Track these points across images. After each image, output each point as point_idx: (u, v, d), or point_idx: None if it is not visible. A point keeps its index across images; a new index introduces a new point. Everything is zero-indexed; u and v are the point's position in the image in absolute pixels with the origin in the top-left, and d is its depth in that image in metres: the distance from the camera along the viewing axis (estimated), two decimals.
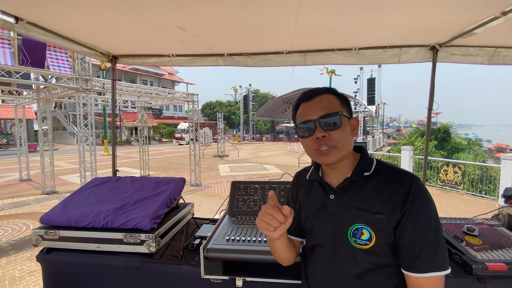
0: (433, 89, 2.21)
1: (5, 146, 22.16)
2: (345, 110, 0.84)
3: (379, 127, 35.64)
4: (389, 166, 0.85)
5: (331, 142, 0.79)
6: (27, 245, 4.38)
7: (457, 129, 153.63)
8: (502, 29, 1.56)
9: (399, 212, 0.75)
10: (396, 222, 0.75)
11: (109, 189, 1.78)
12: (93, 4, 1.42)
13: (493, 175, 7.69)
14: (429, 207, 0.75)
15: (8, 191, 8.27)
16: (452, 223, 1.58)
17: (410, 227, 0.74)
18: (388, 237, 0.76)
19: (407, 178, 0.78)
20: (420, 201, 0.75)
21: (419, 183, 0.77)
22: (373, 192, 0.79)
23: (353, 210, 0.80)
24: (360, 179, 0.82)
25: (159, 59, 2.40)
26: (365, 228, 0.77)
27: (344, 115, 0.82)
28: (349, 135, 0.82)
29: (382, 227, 0.76)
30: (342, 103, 0.84)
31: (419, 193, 0.75)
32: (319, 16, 1.55)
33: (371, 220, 0.77)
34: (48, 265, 1.47)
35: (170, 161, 15.23)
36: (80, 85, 6.59)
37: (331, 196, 0.85)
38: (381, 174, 0.82)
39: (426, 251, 0.72)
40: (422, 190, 0.76)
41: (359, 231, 0.77)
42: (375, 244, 0.76)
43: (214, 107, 48.42)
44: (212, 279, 1.26)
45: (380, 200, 0.77)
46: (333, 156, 0.80)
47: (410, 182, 0.76)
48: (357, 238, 0.78)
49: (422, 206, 0.75)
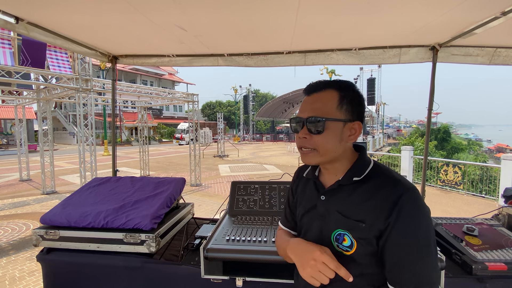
0: (433, 89, 2.21)
1: (5, 146, 22.16)
2: (343, 112, 0.77)
3: (379, 127, 35.63)
4: (384, 172, 0.78)
5: (311, 145, 0.78)
6: (27, 245, 4.38)
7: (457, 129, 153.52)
8: (502, 29, 1.56)
9: (382, 223, 0.70)
10: (379, 232, 0.71)
11: (109, 189, 1.78)
12: (93, 4, 1.42)
13: (493, 175, 7.69)
14: (418, 223, 0.69)
15: (8, 191, 8.27)
16: (452, 223, 1.58)
17: (393, 241, 0.69)
18: (370, 246, 0.72)
19: (398, 188, 0.72)
20: (408, 215, 0.69)
21: (412, 195, 0.70)
22: (360, 198, 0.75)
23: (338, 215, 0.77)
24: (349, 183, 0.78)
25: (159, 59, 2.40)
26: (346, 234, 0.75)
27: (336, 120, 0.76)
28: (334, 142, 0.77)
29: (363, 235, 0.72)
30: (341, 104, 0.76)
31: (408, 206, 0.69)
32: (319, 16, 1.56)
33: (353, 227, 0.74)
34: (48, 265, 1.47)
35: (170, 161, 15.22)
36: (80, 85, 6.59)
37: (322, 197, 0.83)
38: (372, 180, 0.77)
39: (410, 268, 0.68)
40: (414, 203, 0.70)
41: (341, 237, 0.75)
42: (356, 252, 0.73)
43: (214, 107, 48.42)
44: (212, 279, 1.26)
45: (365, 207, 0.73)
46: (312, 159, 0.79)
47: (400, 193, 0.70)
48: (339, 243, 0.76)
49: (409, 221, 0.68)
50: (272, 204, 1.67)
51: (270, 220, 1.54)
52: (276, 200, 1.68)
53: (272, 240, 1.28)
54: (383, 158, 11.33)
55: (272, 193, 1.71)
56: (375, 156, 11.63)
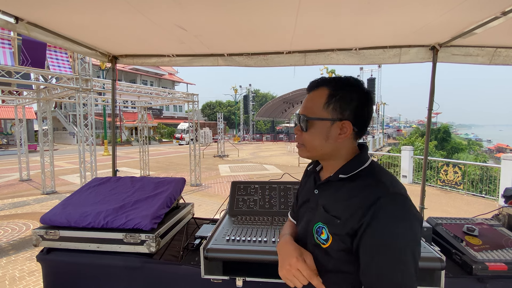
0: (433, 89, 2.21)
1: (5, 146, 22.16)
2: (329, 112, 0.77)
3: (379, 127, 35.64)
4: (375, 173, 0.76)
5: (299, 140, 0.84)
6: (27, 245, 4.38)
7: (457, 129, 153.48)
8: (502, 29, 1.56)
9: (356, 222, 0.69)
10: (352, 231, 0.70)
11: (109, 189, 1.78)
12: (93, 4, 1.42)
13: (493, 175, 7.69)
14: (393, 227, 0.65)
15: (8, 191, 8.26)
16: (452, 223, 1.58)
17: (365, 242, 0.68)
18: (342, 243, 0.72)
19: (379, 190, 0.70)
20: (383, 218, 0.66)
21: (392, 200, 0.68)
22: (343, 195, 0.76)
23: (321, 209, 0.80)
24: (337, 180, 0.79)
25: (159, 59, 2.40)
26: (324, 228, 0.77)
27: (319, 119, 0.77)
28: (319, 140, 0.78)
29: (337, 231, 0.73)
30: (328, 103, 0.77)
31: (385, 209, 0.66)
32: (319, 16, 1.55)
33: (330, 222, 0.76)
34: (48, 265, 1.47)
35: (170, 161, 15.22)
36: (80, 85, 6.59)
37: (316, 190, 0.87)
38: (360, 179, 0.76)
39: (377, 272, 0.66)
40: (392, 207, 0.67)
41: (320, 230, 0.78)
42: (330, 246, 0.75)
43: (214, 107, 48.41)
44: (212, 279, 1.26)
45: (344, 205, 0.74)
46: (302, 153, 0.85)
47: (379, 195, 0.68)
48: (318, 236, 0.79)
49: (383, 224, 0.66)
50: (272, 204, 1.66)
51: (270, 220, 1.54)
52: (276, 200, 1.68)
53: (272, 240, 1.28)
54: (383, 158, 11.32)
55: (272, 193, 1.71)
56: (375, 156, 11.64)
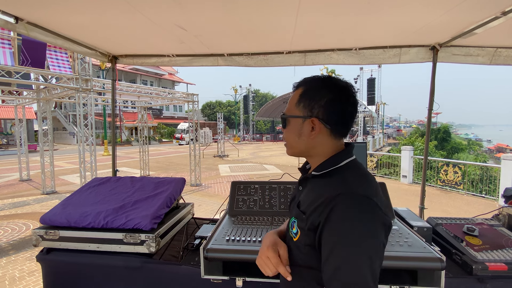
0: (433, 89, 2.21)
1: (5, 146, 22.16)
2: (300, 109, 0.79)
3: (379, 127, 35.64)
4: (344, 173, 0.76)
5: (284, 139, 0.88)
6: (27, 245, 4.38)
7: (457, 129, 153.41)
8: (502, 29, 1.56)
9: (316, 217, 0.71)
10: (313, 226, 0.72)
11: (109, 189, 1.78)
12: (93, 4, 1.42)
13: (493, 175, 7.69)
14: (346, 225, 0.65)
15: (8, 191, 8.27)
16: (452, 223, 1.58)
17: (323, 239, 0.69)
18: (307, 238, 0.74)
19: (341, 188, 0.71)
20: (337, 215, 0.67)
21: (350, 198, 0.68)
22: (311, 193, 0.79)
23: (295, 204, 0.85)
24: (310, 177, 0.83)
25: (159, 59, 2.40)
26: (295, 222, 0.80)
27: (291, 117, 0.81)
28: (293, 136, 0.82)
29: (302, 225, 0.76)
30: (299, 101, 0.80)
31: (343, 206, 0.67)
32: (319, 16, 1.55)
33: (298, 216, 0.79)
34: (48, 265, 1.47)
35: (170, 161, 15.22)
36: (80, 85, 6.59)
37: (300, 187, 0.90)
38: (331, 177, 0.77)
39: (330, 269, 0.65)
40: (349, 205, 0.67)
41: (292, 224, 0.81)
42: (299, 239, 0.78)
43: (214, 107, 48.40)
44: (212, 279, 1.26)
45: (310, 201, 0.76)
46: (287, 151, 0.88)
47: (340, 192, 0.69)
48: (291, 229, 0.82)
49: (337, 221, 0.66)
50: (272, 204, 1.66)
51: (270, 220, 1.54)
52: (276, 200, 1.68)
53: None
54: (383, 158, 11.32)
55: (272, 193, 1.70)
56: (375, 156, 11.62)
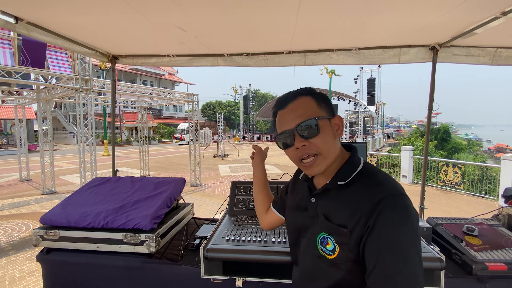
0: (433, 89, 2.21)
1: (5, 146, 22.15)
2: (324, 110, 0.77)
3: (379, 127, 35.65)
4: (370, 175, 0.75)
5: (313, 150, 0.75)
6: (27, 245, 4.38)
7: (457, 129, 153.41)
8: (502, 29, 1.57)
9: (362, 228, 0.68)
10: (359, 239, 0.69)
11: (109, 189, 1.78)
12: (93, 4, 1.42)
13: (493, 175, 7.69)
14: (396, 228, 0.65)
15: (8, 191, 8.26)
16: (452, 223, 1.58)
17: (371, 246, 0.66)
18: (350, 253, 0.70)
19: (379, 192, 0.69)
20: (386, 219, 0.66)
21: (393, 200, 0.68)
22: (343, 202, 0.74)
23: (322, 218, 0.77)
24: (335, 187, 0.77)
25: (159, 59, 2.40)
26: (330, 238, 0.74)
27: (323, 118, 0.76)
28: (332, 139, 0.76)
29: (345, 240, 0.71)
30: (319, 104, 0.77)
31: (388, 210, 0.66)
32: (319, 16, 1.56)
33: (335, 231, 0.73)
34: (48, 265, 1.47)
35: (170, 161, 15.22)
36: (80, 85, 6.59)
37: (312, 199, 0.83)
38: (357, 183, 0.75)
39: (385, 274, 0.63)
40: (395, 208, 0.67)
41: (325, 240, 0.75)
42: (338, 256, 0.72)
43: (214, 107, 48.38)
44: (212, 279, 1.26)
45: (347, 212, 0.72)
46: (320, 166, 0.76)
47: (380, 197, 0.68)
48: (323, 247, 0.75)
49: (387, 226, 0.65)
50: None
51: None
52: None
53: (272, 240, 1.28)
54: (383, 158, 11.31)
55: (272, 193, 1.70)
56: (375, 156, 11.62)
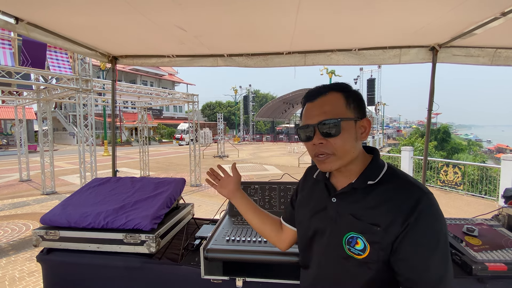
0: (433, 89, 2.21)
1: (5, 147, 22.16)
2: (352, 111, 0.76)
3: (379, 128, 35.65)
4: (400, 176, 0.76)
5: (329, 149, 0.75)
6: (27, 245, 4.38)
7: (457, 129, 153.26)
8: (502, 29, 1.57)
9: (399, 226, 0.68)
10: (394, 237, 0.69)
11: (109, 190, 1.78)
12: (93, 4, 1.42)
13: (493, 175, 7.69)
14: (436, 226, 0.68)
15: (8, 191, 8.26)
16: (452, 224, 1.58)
17: (411, 244, 0.68)
18: (383, 252, 0.70)
19: (416, 191, 0.71)
20: (429, 218, 0.68)
21: (430, 198, 0.70)
22: (374, 201, 0.74)
23: (350, 218, 0.76)
24: (363, 186, 0.76)
25: (159, 60, 2.40)
26: (360, 237, 0.73)
27: (348, 119, 0.75)
28: (351, 142, 0.75)
29: (377, 239, 0.70)
30: (348, 103, 0.76)
31: (428, 209, 0.68)
32: (319, 16, 1.56)
33: (367, 230, 0.72)
34: (48, 265, 1.47)
35: (170, 162, 15.22)
36: (80, 86, 6.59)
37: (333, 199, 0.81)
38: (387, 183, 0.75)
39: (429, 276, 0.66)
40: (432, 207, 0.69)
41: (354, 240, 0.74)
42: (369, 256, 0.71)
43: (214, 108, 48.39)
44: (212, 279, 1.26)
45: (381, 211, 0.72)
46: (331, 164, 0.76)
47: (418, 196, 0.69)
48: (351, 247, 0.74)
49: (428, 224, 0.68)
50: (272, 205, 1.67)
51: None
52: (276, 200, 1.68)
53: None
54: (383, 159, 11.29)
55: (272, 194, 1.71)
56: None
